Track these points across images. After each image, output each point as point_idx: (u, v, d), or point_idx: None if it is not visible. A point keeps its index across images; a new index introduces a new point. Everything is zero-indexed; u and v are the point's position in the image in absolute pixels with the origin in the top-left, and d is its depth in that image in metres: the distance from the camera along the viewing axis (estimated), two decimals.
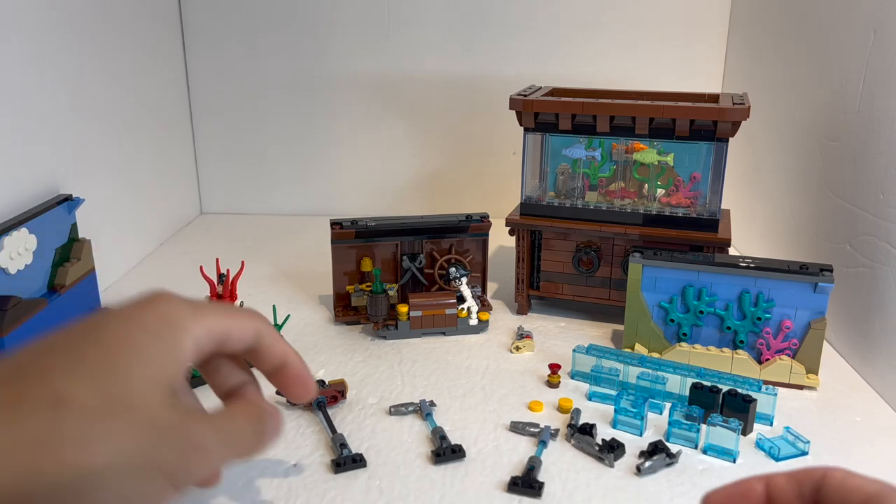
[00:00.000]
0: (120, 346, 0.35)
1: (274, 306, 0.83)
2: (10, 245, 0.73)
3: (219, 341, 0.40)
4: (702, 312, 0.77)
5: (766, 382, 0.71)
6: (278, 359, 0.46)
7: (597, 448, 0.63)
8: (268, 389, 0.73)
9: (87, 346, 0.34)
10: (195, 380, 0.75)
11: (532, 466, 0.61)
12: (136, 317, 0.36)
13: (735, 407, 0.67)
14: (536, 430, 0.66)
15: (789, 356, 0.75)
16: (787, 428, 0.67)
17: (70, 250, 0.86)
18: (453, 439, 0.65)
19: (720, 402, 0.68)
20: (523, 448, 0.65)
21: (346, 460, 0.62)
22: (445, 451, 0.63)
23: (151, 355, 0.35)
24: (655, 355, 0.78)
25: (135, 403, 0.33)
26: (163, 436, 0.34)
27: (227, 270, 0.76)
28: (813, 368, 0.75)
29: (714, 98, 0.88)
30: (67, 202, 0.85)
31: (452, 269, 0.88)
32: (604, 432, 0.67)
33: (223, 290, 0.75)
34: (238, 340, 0.42)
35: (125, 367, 0.34)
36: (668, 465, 0.62)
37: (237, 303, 0.75)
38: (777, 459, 0.64)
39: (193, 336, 0.38)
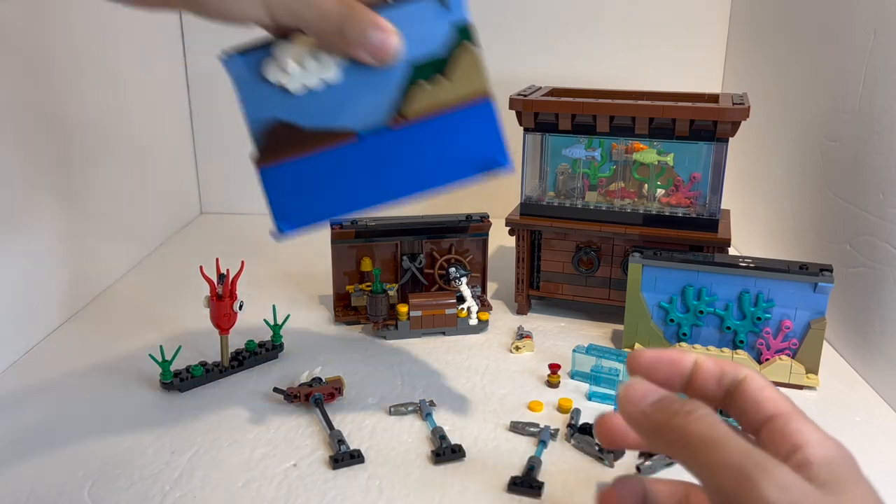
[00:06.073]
0: None
1: (274, 306, 0.83)
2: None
3: None
4: (702, 312, 0.77)
5: None
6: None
7: (597, 448, 0.63)
8: (265, 386, 0.74)
9: None
10: (196, 379, 0.75)
11: (532, 466, 0.61)
12: None
13: None
14: (536, 430, 0.66)
15: (789, 356, 0.75)
16: None
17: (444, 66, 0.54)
18: (453, 439, 0.65)
19: None
20: (523, 448, 0.65)
21: (343, 457, 0.62)
22: (445, 451, 0.63)
23: None
24: None
25: None
26: None
27: (227, 270, 0.76)
28: (813, 368, 0.75)
29: (714, 98, 0.88)
30: None
31: (452, 269, 0.88)
32: None
33: (223, 289, 0.74)
34: None
35: None
36: (668, 465, 0.62)
37: (237, 303, 0.75)
38: None
39: None
